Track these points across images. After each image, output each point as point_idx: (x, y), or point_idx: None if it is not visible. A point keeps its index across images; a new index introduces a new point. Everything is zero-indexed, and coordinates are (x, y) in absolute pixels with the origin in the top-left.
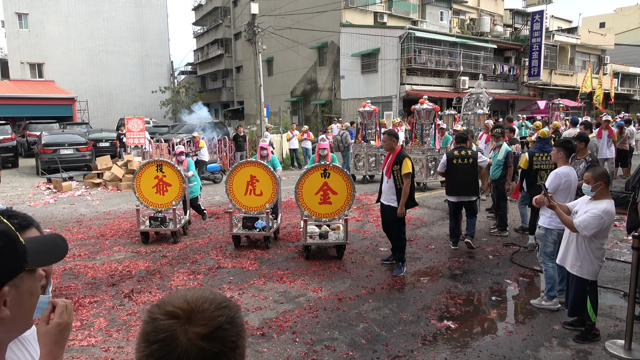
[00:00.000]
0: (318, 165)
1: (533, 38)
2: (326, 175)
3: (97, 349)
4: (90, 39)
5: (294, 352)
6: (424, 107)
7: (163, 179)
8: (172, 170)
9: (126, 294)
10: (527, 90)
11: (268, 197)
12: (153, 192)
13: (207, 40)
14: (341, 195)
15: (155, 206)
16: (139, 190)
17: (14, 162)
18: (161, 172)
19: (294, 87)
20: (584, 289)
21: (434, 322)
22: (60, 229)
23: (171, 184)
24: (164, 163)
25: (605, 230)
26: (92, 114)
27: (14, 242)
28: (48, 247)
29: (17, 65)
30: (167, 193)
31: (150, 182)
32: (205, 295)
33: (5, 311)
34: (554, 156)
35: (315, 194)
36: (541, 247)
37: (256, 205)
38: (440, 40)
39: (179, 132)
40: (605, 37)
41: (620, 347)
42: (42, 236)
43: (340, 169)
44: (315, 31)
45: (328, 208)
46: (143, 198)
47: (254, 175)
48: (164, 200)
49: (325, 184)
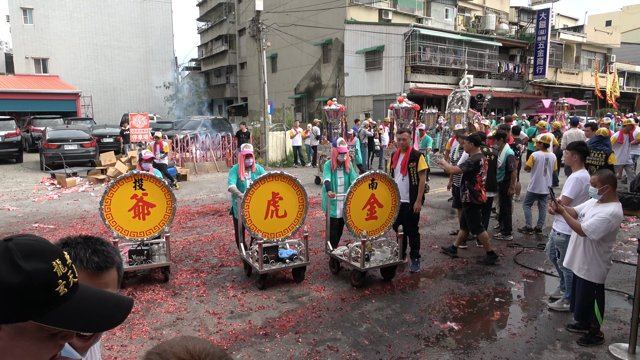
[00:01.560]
0: (367, 175)
1: (539, 36)
2: (374, 186)
3: (100, 348)
4: (95, 35)
5: (296, 352)
6: (402, 105)
7: (143, 198)
8: (156, 185)
9: (129, 292)
10: (532, 88)
11: (293, 218)
12: (129, 218)
13: (211, 36)
14: (386, 207)
15: (135, 235)
16: (109, 216)
17: (19, 157)
18: (140, 189)
19: (298, 84)
20: (592, 293)
21: (437, 324)
22: (64, 225)
23: (154, 203)
24: (144, 177)
25: (613, 233)
26: (96, 109)
27: (31, 287)
28: (100, 310)
29: (22, 60)
30: (150, 216)
31: (125, 204)
32: (207, 348)
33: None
34: (568, 160)
35: (362, 209)
36: (562, 254)
37: (279, 230)
38: (445, 38)
39: (183, 128)
40: (611, 36)
41: (624, 350)
42: (109, 294)
43: (388, 177)
44: (319, 28)
45: (373, 224)
46: (116, 227)
47: (276, 193)
48: (145, 227)
49: (372, 197)
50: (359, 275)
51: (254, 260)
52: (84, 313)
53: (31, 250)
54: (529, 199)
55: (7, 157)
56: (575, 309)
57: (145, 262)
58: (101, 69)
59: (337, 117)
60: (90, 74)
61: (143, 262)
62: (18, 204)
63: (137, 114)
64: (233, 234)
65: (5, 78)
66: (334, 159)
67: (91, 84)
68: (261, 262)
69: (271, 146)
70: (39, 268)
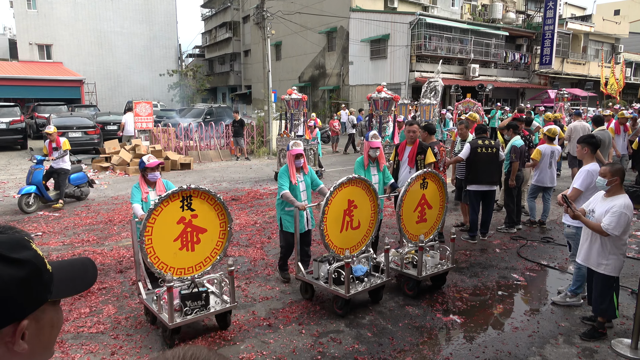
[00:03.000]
0: (419, 175)
1: (546, 25)
2: (424, 186)
3: (106, 336)
4: (99, 21)
5: (300, 343)
6: (382, 95)
7: (192, 221)
8: (208, 202)
9: (134, 281)
10: (538, 79)
11: (365, 229)
12: (175, 250)
13: (215, 23)
14: (435, 208)
15: (182, 273)
16: (150, 251)
17: (23, 144)
18: (189, 209)
19: (302, 72)
20: (611, 286)
21: (439, 317)
22: (69, 213)
23: (205, 228)
24: (194, 193)
25: (629, 225)
26: (99, 96)
27: (39, 271)
28: (76, 274)
29: (25, 47)
30: (200, 245)
31: (170, 231)
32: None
33: (22, 345)
34: (578, 153)
35: (413, 212)
36: (574, 247)
37: (353, 244)
38: (451, 27)
39: (187, 116)
40: (619, 25)
41: (626, 346)
42: (71, 261)
43: (438, 176)
44: (324, 16)
45: (424, 227)
46: (159, 264)
47: (352, 200)
48: (195, 260)
49: (423, 197)
50: (413, 284)
51: (330, 283)
52: (68, 280)
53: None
54: (534, 191)
55: (12, 144)
56: (594, 302)
57: (205, 309)
58: (105, 55)
59: (299, 108)
60: (94, 60)
61: (202, 308)
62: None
63: (141, 102)
64: (237, 224)
65: (9, 64)
66: (366, 155)
67: (95, 70)
68: (347, 285)
69: (275, 135)
70: (31, 254)
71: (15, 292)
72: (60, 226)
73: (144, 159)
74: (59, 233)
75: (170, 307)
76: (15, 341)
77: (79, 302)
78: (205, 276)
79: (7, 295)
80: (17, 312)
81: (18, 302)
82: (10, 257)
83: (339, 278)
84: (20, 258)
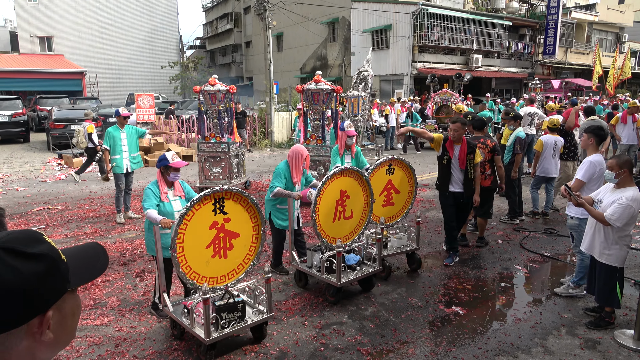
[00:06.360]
0: (384, 161)
1: (549, 15)
2: (391, 172)
3: (110, 329)
4: (99, 12)
5: (302, 335)
6: (320, 86)
7: (225, 226)
8: (241, 204)
9: (137, 273)
10: (542, 69)
11: (358, 219)
12: (208, 257)
13: (216, 14)
14: (403, 193)
15: (215, 282)
16: (182, 260)
17: (25, 137)
18: (222, 212)
19: (304, 64)
20: (614, 276)
21: (442, 308)
22: (72, 206)
23: (238, 232)
24: (226, 195)
25: (635, 217)
26: (101, 88)
27: (56, 263)
28: (89, 261)
29: (26, 39)
30: (233, 251)
31: (203, 237)
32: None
33: (49, 334)
34: (583, 143)
35: (379, 195)
36: (577, 238)
37: (346, 234)
38: (454, 17)
39: (189, 108)
40: (624, 15)
41: (629, 337)
42: (82, 247)
43: (405, 162)
44: (326, 6)
45: (391, 210)
46: (191, 273)
47: (344, 191)
48: (228, 267)
49: (389, 182)
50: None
51: (323, 272)
52: (82, 267)
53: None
54: (537, 182)
55: (15, 137)
56: (597, 293)
57: (242, 321)
58: (106, 47)
59: (224, 101)
60: (95, 52)
61: (239, 320)
62: (26, 184)
63: (143, 94)
64: None
65: (10, 57)
66: (342, 143)
67: (96, 62)
68: (339, 274)
69: (277, 127)
70: (46, 247)
71: (37, 285)
72: (64, 219)
73: (167, 157)
74: (62, 226)
75: (206, 320)
76: (43, 332)
77: (82, 295)
78: (238, 284)
79: (30, 290)
80: (42, 305)
81: (41, 295)
82: (28, 252)
83: (331, 267)
84: (37, 252)
